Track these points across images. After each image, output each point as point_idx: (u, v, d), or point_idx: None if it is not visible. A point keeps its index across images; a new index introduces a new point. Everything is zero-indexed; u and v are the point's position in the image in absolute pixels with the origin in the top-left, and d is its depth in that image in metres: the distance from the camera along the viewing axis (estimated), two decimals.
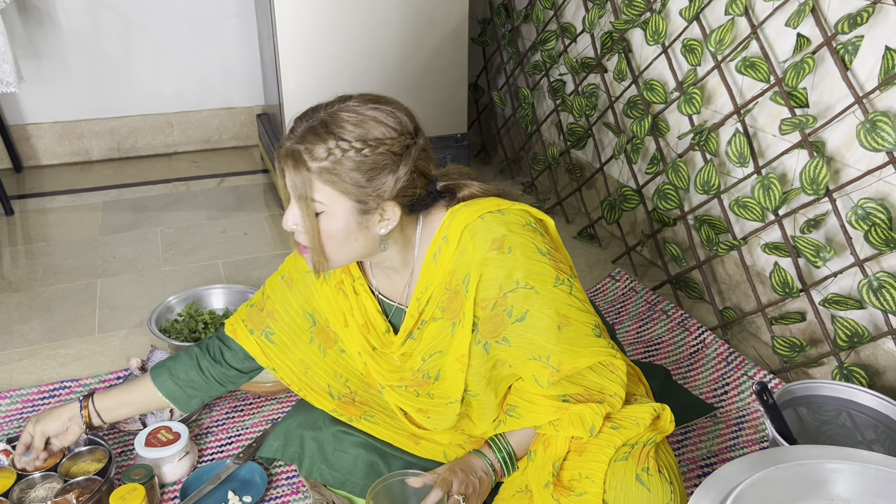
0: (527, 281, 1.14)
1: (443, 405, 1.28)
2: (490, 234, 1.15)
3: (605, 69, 2.45)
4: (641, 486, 1.11)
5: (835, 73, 1.66)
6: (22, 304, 2.17)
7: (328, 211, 1.11)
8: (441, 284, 1.20)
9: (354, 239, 1.14)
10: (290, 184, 1.11)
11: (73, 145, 3.21)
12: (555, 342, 1.15)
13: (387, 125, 1.10)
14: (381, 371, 1.31)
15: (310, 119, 1.11)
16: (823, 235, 1.75)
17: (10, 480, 1.42)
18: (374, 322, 1.31)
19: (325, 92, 2.78)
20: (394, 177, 1.10)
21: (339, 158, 1.07)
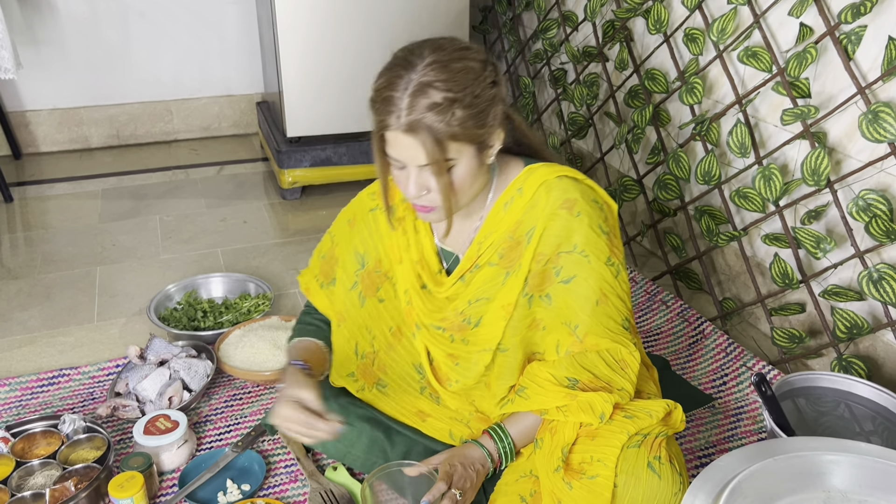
0: (584, 248, 1.19)
1: (475, 352, 1.29)
2: (565, 193, 1.20)
3: (607, 58, 2.43)
4: (653, 474, 1.12)
5: (837, 64, 1.65)
6: (21, 292, 2.17)
7: (456, 163, 1.13)
8: (506, 232, 1.24)
9: (476, 178, 1.18)
10: (420, 154, 1.10)
11: (73, 132, 3.20)
12: (589, 313, 1.20)
13: (474, 60, 1.13)
14: (425, 309, 1.33)
15: (404, 87, 1.09)
16: (824, 226, 1.74)
17: (9, 468, 1.42)
18: (429, 260, 1.34)
19: (326, 79, 2.79)
20: (501, 106, 1.15)
21: (457, 112, 1.08)
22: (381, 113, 1.11)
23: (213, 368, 1.71)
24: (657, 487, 1.12)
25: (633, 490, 1.12)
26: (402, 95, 1.09)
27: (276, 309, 2.09)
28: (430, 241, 1.34)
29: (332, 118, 2.72)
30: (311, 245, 2.47)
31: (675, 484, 1.13)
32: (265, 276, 2.25)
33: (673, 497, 1.12)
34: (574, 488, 1.15)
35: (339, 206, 2.72)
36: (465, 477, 1.25)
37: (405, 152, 1.12)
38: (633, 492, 1.12)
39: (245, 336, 1.82)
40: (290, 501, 1.44)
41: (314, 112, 2.68)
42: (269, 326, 1.86)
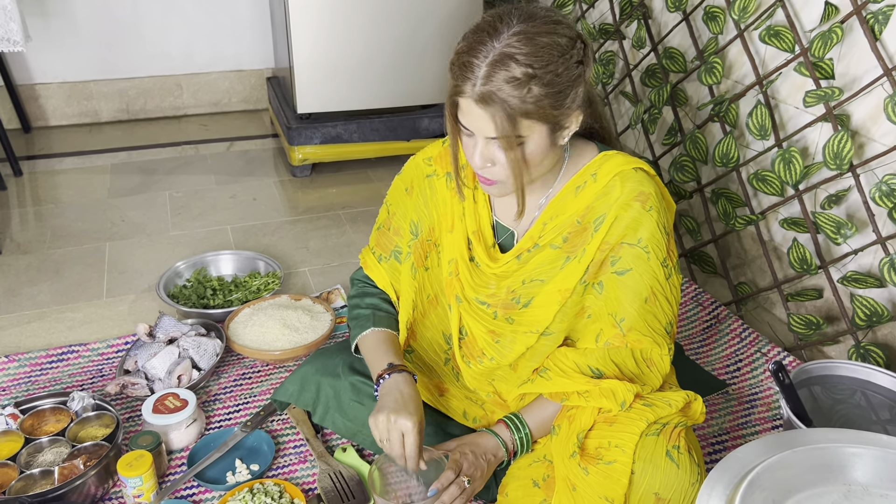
0: (647, 244, 1.17)
1: (520, 332, 1.27)
2: (640, 186, 1.17)
3: (624, 36, 2.39)
4: (671, 462, 1.11)
5: (863, 44, 1.60)
6: (31, 267, 2.16)
7: (527, 140, 1.10)
8: (573, 216, 1.21)
9: (547, 157, 1.15)
10: (490, 126, 1.07)
11: (82, 106, 3.18)
12: (637, 309, 1.18)
13: (562, 36, 1.07)
14: (470, 283, 1.30)
15: (485, 55, 1.04)
16: (845, 211, 1.71)
17: (18, 444, 1.42)
18: (485, 233, 1.30)
19: (337, 55, 2.75)
20: (583, 87, 1.10)
21: (534, 89, 1.04)
22: (457, 78, 1.07)
23: (222, 347, 1.70)
24: (675, 476, 1.11)
25: (651, 478, 1.11)
26: (482, 63, 1.04)
27: (285, 287, 2.08)
28: (487, 214, 1.30)
29: (343, 95, 2.68)
30: (321, 223, 2.45)
31: (692, 474, 1.11)
32: (275, 255, 2.24)
33: (690, 487, 1.11)
34: (591, 474, 1.14)
35: (349, 185, 2.73)
36: (475, 466, 1.23)
37: (475, 122, 1.08)
38: (651, 479, 1.11)
39: (255, 315, 1.81)
40: (299, 482, 1.43)
41: (325, 89, 2.65)
42: (279, 305, 1.85)
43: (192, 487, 1.42)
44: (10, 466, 1.37)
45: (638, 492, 1.12)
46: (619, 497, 1.11)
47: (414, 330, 1.41)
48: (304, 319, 1.79)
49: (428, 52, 2.67)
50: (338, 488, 1.38)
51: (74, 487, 1.31)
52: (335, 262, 2.23)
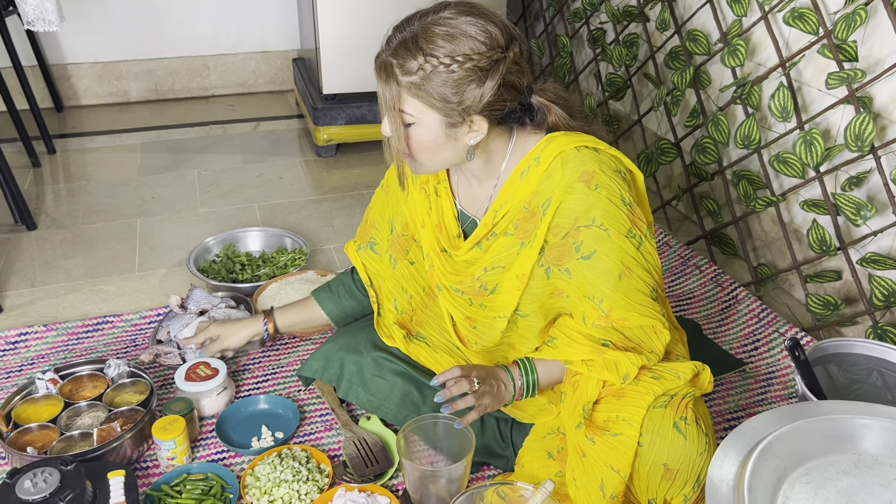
0: (602, 222, 1.17)
1: (491, 318, 1.31)
2: (582, 166, 1.18)
3: (648, 18, 2.39)
4: (678, 434, 1.13)
5: (887, 26, 1.61)
6: (65, 241, 2.23)
7: (418, 122, 1.15)
8: (521, 202, 1.23)
9: (443, 149, 1.19)
10: (380, 95, 1.16)
11: (112, 86, 3.24)
12: (612, 288, 1.18)
13: (477, 39, 1.11)
14: (445, 272, 1.36)
15: (404, 30, 1.13)
16: (865, 193, 1.72)
17: (58, 408, 1.48)
18: (448, 224, 1.36)
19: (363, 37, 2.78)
20: (479, 91, 1.12)
21: (428, 74, 1.10)
22: (380, 47, 1.17)
23: None
24: (682, 447, 1.13)
25: (658, 449, 1.13)
26: (396, 38, 1.13)
27: (311, 264, 2.12)
28: (449, 205, 1.35)
29: (368, 76, 2.71)
30: (345, 202, 2.49)
31: (700, 444, 1.14)
32: (301, 232, 2.29)
33: (698, 457, 1.13)
34: (597, 443, 1.17)
35: (373, 165, 2.77)
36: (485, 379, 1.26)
37: (378, 89, 1.17)
38: (659, 451, 1.13)
39: (282, 289, 1.86)
40: (325, 448, 1.49)
41: (350, 69, 2.68)
42: (306, 280, 1.90)
43: (222, 451, 1.47)
44: (51, 428, 1.44)
45: (646, 463, 1.14)
46: (625, 467, 1.14)
47: (419, 319, 1.47)
48: None
49: None
50: (362, 455, 1.43)
51: (112, 449, 1.38)
52: None
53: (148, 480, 1.41)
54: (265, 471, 1.37)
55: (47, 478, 1.21)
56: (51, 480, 1.20)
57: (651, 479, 1.15)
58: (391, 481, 1.41)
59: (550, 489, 1.17)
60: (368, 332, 1.51)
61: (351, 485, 1.36)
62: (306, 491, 1.34)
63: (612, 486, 1.16)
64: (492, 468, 1.44)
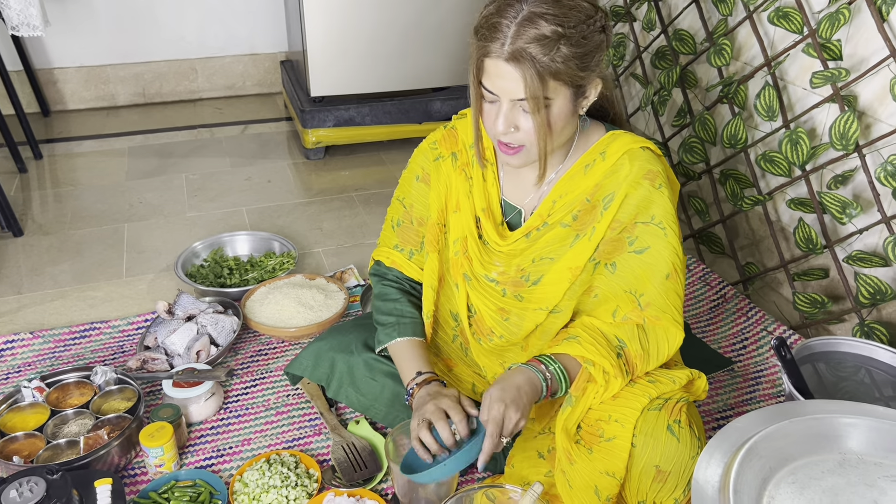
0: (661, 220, 1.19)
1: (530, 310, 1.29)
2: (649, 164, 1.20)
3: (634, 18, 2.40)
4: (672, 436, 1.14)
5: (871, 25, 1.61)
6: (52, 247, 2.21)
7: (551, 104, 1.11)
8: (583, 194, 1.23)
9: (568, 124, 1.16)
10: (519, 86, 1.08)
11: (99, 90, 3.22)
12: (657, 286, 1.19)
13: (586, 1, 1.10)
14: (481, 260, 1.32)
15: (514, 15, 1.07)
16: (850, 192, 1.73)
17: (45, 416, 1.47)
18: (494, 210, 1.32)
19: (350, 38, 2.77)
20: (602, 53, 1.12)
21: (562, 48, 1.06)
22: (485, 39, 1.08)
23: (239, 324, 1.75)
24: (675, 450, 1.14)
25: (652, 451, 1.14)
26: (511, 23, 1.06)
27: (300, 267, 2.12)
28: (496, 192, 1.32)
29: (356, 78, 2.71)
30: (334, 205, 2.49)
31: (692, 448, 1.14)
32: (290, 235, 2.28)
33: (690, 460, 1.14)
34: (594, 452, 1.17)
35: (362, 167, 2.77)
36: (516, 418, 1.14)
37: (503, 83, 1.09)
38: (652, 453, 1.14)
39: (270, 293, 1.85)
40: (314, 453, 1.48)
41: (338, 71, 2.68)
42: (294, 284, 1.89)
43: (210, 458, 1.47)
44: (37, 437, 1.43)
45: (639, 465, 1.15)
46: (620, 470, 1.15)
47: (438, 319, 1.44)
48: (319, 298, 1.84)
49: (440, 36, 2.69)
50: (351, 459, 1.43)
51: (99, 457, 1.37)
52: (348, 243, 2.27)
53: (136, 488, 1.40)
54: (254, 477, 1.36)
55: (33, 487, 1.20)
56: (37, 490, 1.20)
57: (643, 480, 1.16)
58: (380, 486, 1.41)
59: (539, 491, 1.17)
60: (360, 332, 1.50)
61: (340, 489, 1.36)
62: (295, 496, 1.33)
63: (606, 490, 1.17)
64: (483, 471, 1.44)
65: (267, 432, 1.54)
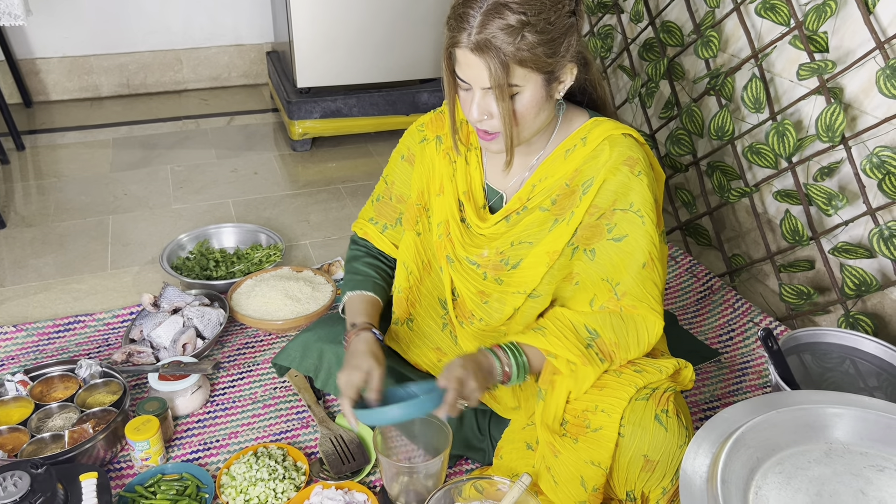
0: (640, 208, 1.19)
1: (509, 293, 1.29)
2: (629, 151, 1.19)
3: (622, 10, 2.39)
4: (659, 426, 1.14)
5: (857, 17, 1.62)
6: (35, 240, 2.19)
7: (521, 91, 1.11)
8: (562, 178, 1.23)
9: (543, 110, 1.16)
10: (485, 75, 1.09)
11: (83, 81, 3.19)
12: (633, 274, 1.20)
13: None
14: (463, 242, 1.32)
15: (479, 7, 1.07)
16: (836, 183, 1.74)
17: (29, 410, 1.46)
18: (476, 193, 1.33)
19: (337, 29, 2.75)
20: (576, 36, 1.12)
21: (527, 36, 1.06)
22: (453, 29, 1.10)
23: (225, 317, 1.74)
24: (663, 439, 1.14)
25: (640, 441, 1.14)
26: (477, 13, 1.07)
27: (287, 259, 2.11)
28: (479, 175, 1.32)
29: (343, 69, 2.69)
30: (321, 197, 2.48)
31: (680, 437, 1.15)
32: (276, 227, 2.27)
33: (678, 449, 1.14)
34: (580, 441, 1.17)
35: (349, 159, 2.75)
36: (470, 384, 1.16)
37: (471, 72, 1.10)
38: (640, 442, 1.14)
39: (257, 286, 1.84)
40: (301, 446, 1.48)
41: (325, 63, 2.66)
42: (281, 277, 1.88)
43: (196, 451, 1.46)
44: (21, 431, 1.41)
45: (627, 454, 1.15)
46: (606, 460, 1.15)
47: (412, 299, 1.43)
48: (306, 290, 1.83)
49: (427, 27, 2.68)
50: (338, 451, 1.43)
51: (84, 450, 1.36)
52: (335, 235, 2.26)
53: (121, 482, 1.39)
54: (241, 470, 1.36)
55: (17, 482, 1.19)
56: (21, 484, 1.19)
57: (631, 470, 1.16)
58: (368, 478, 1.40)
59: (527, 482, 1.17)
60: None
61: (328, 482, 1.35)
62: (283, 489, 1.33)
63: (593, 480, 1.17)
64: (469, 462, 1.44)
65: (254, 425, 1.53)
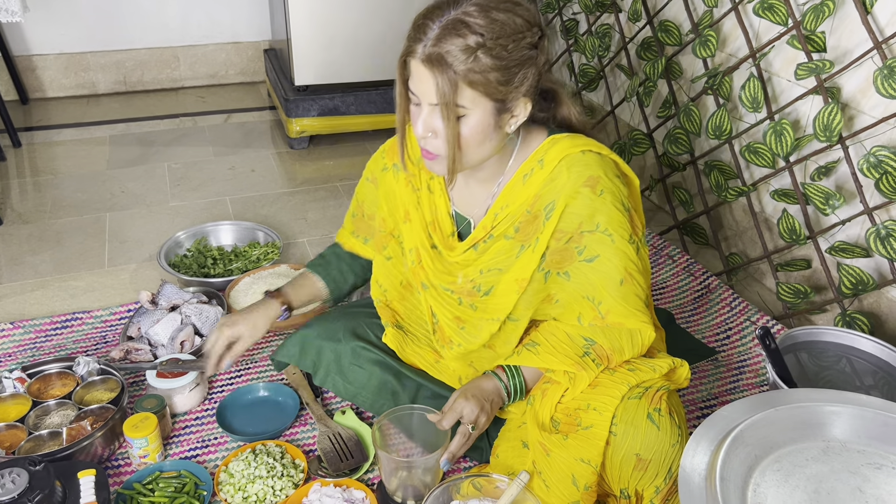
0: (607, 227, 1.16)
1: (483, 319, 1.29)
2: (587, 170, 1.16)
3: (620, 9, 2.40)
4: (651, 424, 1.14)
5: (854, 17, 1.62)
6: (32, 236, 2.18)
7: (469, 114, 1.09)
8: (523, 205, 1.21)
9: (489, 139, 1.13)
10: (433, 90, 1.07)
11: (79, 78, 3.18)
12: (612, 293, 1.18)
13: (520, 17, 1.08)
14: (435, 269, 1.32)
15: (440, 18, 1.06)
16: (833, 183, 1.74)
17: (26, 407, 1.45)
18: (442, 222, 1.31)
19: (335, 27, 2.75)
20: (535, 70, 1.10)
21: (482, 58, 1.04)
22: (410, 39, 1.08)
23: (223, 314, 1.73)
24: (655, 438, 1.14)
25: (632, 440, 1.14)
26: (435, 26, 1.05)
27: (285, 257, 2.11)
28: (444, 203, 1.31)
29: (341, 67, 2.69)
30: (318, 195, 2.48)
31: (673, 436, 1.14)
32: (274, 225, 2.26)
33: (671, 448, 1.14)
34: (570, 438, 1.17)
35: (346, 157, 2.76)
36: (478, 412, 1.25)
37: (420, 85, 1.09)
38: (632, 441, 1.14)
39: (255, 283, 1.84)
40: (300, 443, 1.48)
41: (323, 60, 2.66)
42: (279, 274, 1.88)
43: (195, 448, 1.46)
44: (18, 428, 1.41)
45: (619, 453, 1.15)
46: (596, 458, 1.15)
47: (397, 310, 1.45)
48: None
49: None
50: (336, 449, 1.43)
51: (82, 448, 1.35)
52: (333, 233, 2.26)
53: (119, 479, 1.39)
54: (239, 467, 1.36)
55: (15, 478, 1.19)
56: (19, 481, 1.18)
57: (623, 468, 1.16)
58: (366, 475, 1.40)
59: (525, 480, 1.18)
60: (346, 320, 1.49)
61: (326, 480, 1.35)
62: (281, 487, 1.33)
63: (584, 478, 1.17)
64: (468, 460, 1.44)
65: None
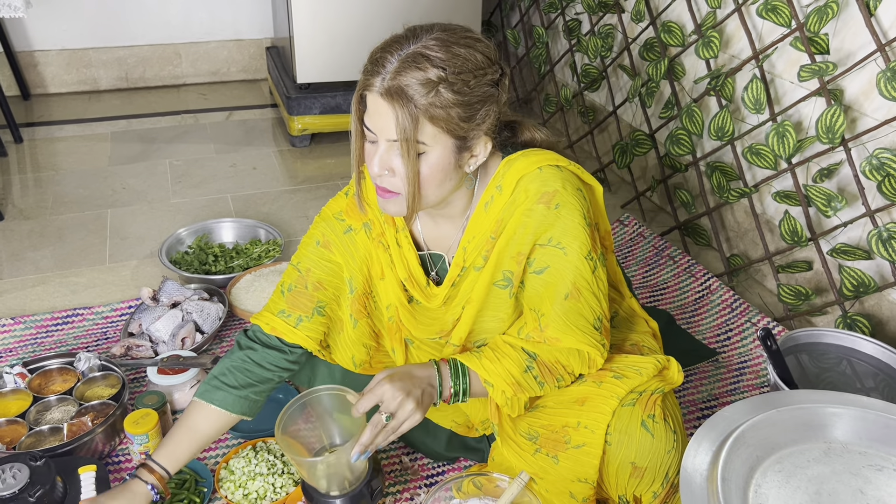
0: (560, 240, 1.12)
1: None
2: (544, 186, 1.11)
3: (623, 9, 2.40)
4: (646, 432, 1.13)
5: (858, 19, 1.62)
6: (33, 232, 2.18)
7: (429, 151, 1.04)
8: (487, 233, 1.16)
9: (449, 179, 1.08)
10: (392, 125, 1.01)
11: (81, 74, 3.18)
12: (555, 306, 1.14)
13: (481, 53, 1.03)
14: (417, 325, 1.26)
15: (399, 52, 1.01)
16: (836, 185, 1.74)
17: (27, 402, 1.45)
18: (416, 274, 1.24)
19: (338, 25, 2.75)
20: (496, 108, 1.06)
21: (443, 93, 0.99)
22: (367, 73, 1.03)
23: (224, 311, 1.74)
24: (650, 446, 1.13)
25: (626, 449, 1.13)
26: (394, 59, 1.00)
27: (286, 255, 2.11)
28: (413, 255, 1.23)
29: (343, 65, 2.69)
30: (320, 193, 2.47)
31: (668, 442, 1.14)
32: (275, 223, 2.26)
33: (666, 455, 1.13)
34: (561, 461, 1.17)
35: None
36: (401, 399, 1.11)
37: (378, 121, 1.02)
38: (626, 450, 1.13)
39: (256, 281, 1.84)
40: None
41: (325, 58, 2.66)
42: (280, 272, 1.88)
43: None
44: (19, 423, 1.41)
45: (615, 462, 1.14)
46: (592, 476, 1.15)
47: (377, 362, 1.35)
48: None
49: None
50: None
51: (83, 444, 1.35)
52: None
53: (120, 475, 1.39)
54: (240, 464, 1.36)
55: (16, 474, 1.19)
56: (20, 476, 1.18)
57: (620, 476, 1.16)
58: None
59: (526, 480, 1.18)
60: None
61: None
62: (281, 484, 1.33)
63: (582, 493, 1.17)
64: (467, 459, 1.44)
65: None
